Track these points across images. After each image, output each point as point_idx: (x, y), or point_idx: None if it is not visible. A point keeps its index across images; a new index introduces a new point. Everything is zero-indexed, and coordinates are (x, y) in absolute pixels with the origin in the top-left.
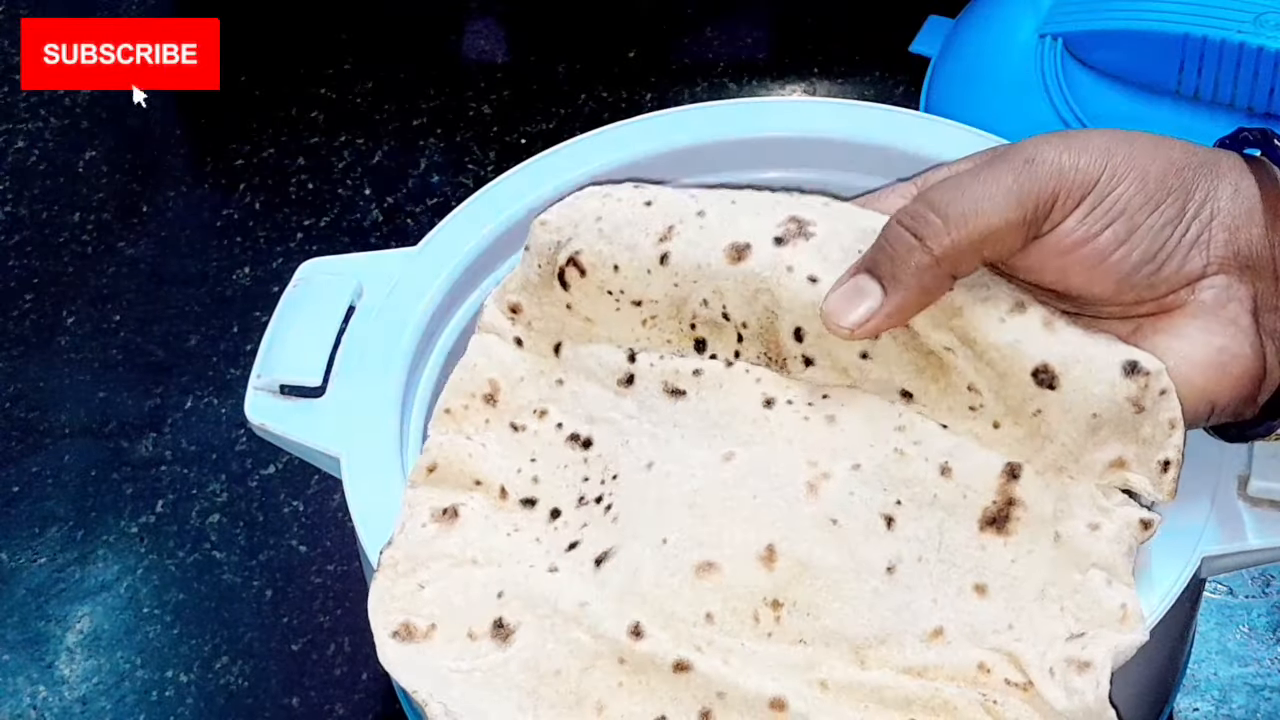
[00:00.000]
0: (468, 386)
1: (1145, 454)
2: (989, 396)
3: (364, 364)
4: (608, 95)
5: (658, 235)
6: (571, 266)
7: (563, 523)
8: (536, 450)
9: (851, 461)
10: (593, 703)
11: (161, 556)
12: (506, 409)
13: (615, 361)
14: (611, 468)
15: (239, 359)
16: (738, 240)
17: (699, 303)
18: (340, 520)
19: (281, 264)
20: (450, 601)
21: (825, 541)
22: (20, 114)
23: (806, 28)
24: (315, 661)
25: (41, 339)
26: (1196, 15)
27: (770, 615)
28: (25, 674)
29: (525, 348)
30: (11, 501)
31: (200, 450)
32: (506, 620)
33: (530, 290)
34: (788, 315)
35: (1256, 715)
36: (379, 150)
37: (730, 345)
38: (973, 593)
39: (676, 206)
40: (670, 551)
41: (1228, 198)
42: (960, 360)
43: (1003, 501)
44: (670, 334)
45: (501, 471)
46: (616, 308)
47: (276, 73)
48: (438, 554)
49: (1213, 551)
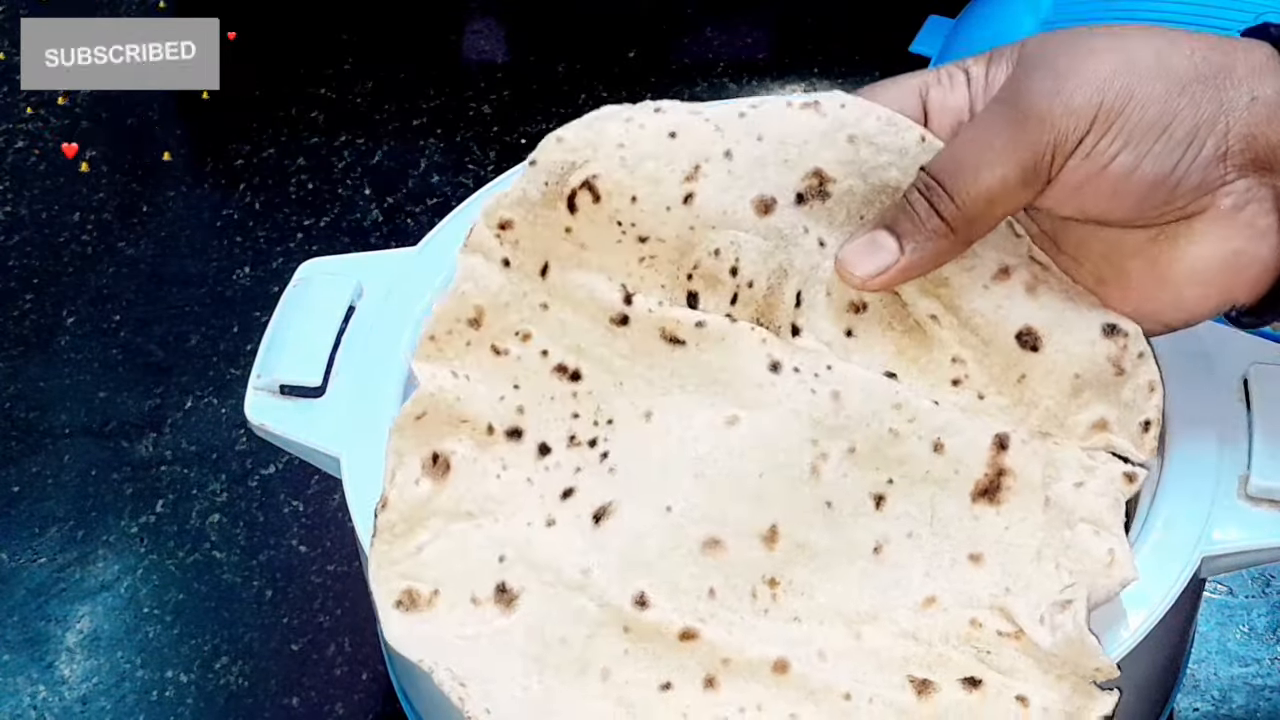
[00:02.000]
0: (453, 313)
1: (1126, 416)
2: (974, 366)
3: (364, 364)
4: (608, 95)
5: (684, 174)
6: (586, 190)
7: (554, 462)
8: (519, 376)
9: (848, 444)
10: (598, 669)
11: (161, 556)
12: (489, 332)
13: (608, 298)
14: (605, 410)
15: (239, 359)
16: (765, 193)
17: (708, 252)
18: (340, 520)
19: (281, 264)
20: (451, 565)
21: (819, 525)
22: (20, 114)
23: (806, 28)
24: (315, 661)
25: (41, 339)
26: (1196, 15)
27: (768, 593)
28: (25, 674)
29: (512, 268)
30: (11, 501)
31: (200, 450)
32: (510, 585)
33: (527, 207)
34: (795, 277)
35: (1256, 715)
36: (379, 150)
37: (723, 305)
38: (968, 562)
39: (703, 142)
40: (675, 521)
41: (1243, 107)
42: (945, 329)
43: (993, 473)
44: (665, 279)
45: (486, 405)
46: (619, 240)
47: (276, 73)
48: (434, 512)
49: (1213, 551)
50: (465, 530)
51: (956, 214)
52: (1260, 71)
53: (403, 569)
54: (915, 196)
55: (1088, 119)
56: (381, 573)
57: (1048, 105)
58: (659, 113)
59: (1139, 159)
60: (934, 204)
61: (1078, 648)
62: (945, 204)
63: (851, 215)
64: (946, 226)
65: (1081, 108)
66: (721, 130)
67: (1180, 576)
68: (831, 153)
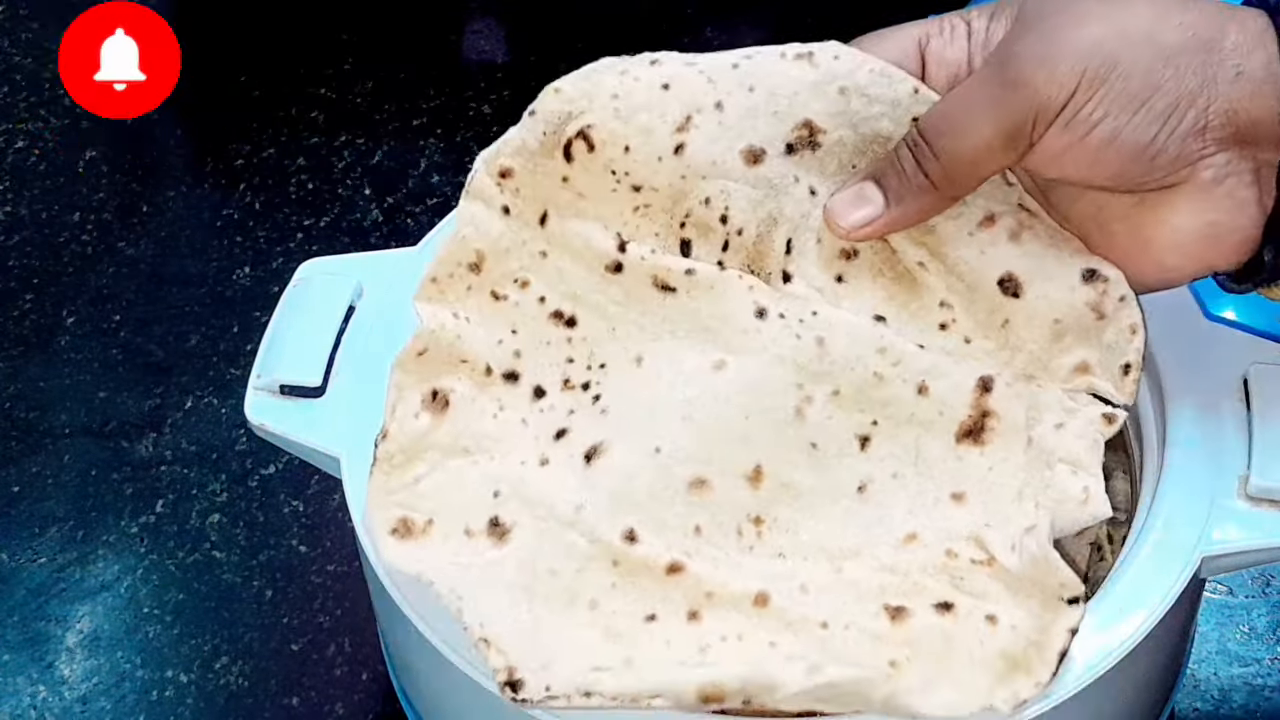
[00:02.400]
0: (455, 256)
1: (1108, 359)
2: (960, 311)
3: (364, 364)
4: None
5: (675, 124)
6: (580, 140)
7: (548, 404)
8: (517, 321)
9: (832, 387)
10: (586, 600)
11: (161, 556)
12: (489, 277)
13: (604, 246)
14: (598, 354)
15: (239, 359)
16: (754, 144)
17: (699, 200)
18: (340, 520)
19: (281, 264)
20: (447, 498)
21: (804, 465)
22: (20, 114)
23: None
24: (315, 661)
25: (41, 339)
26: None
27: (753, 530)
28: (25, 674)
29: (512, 215)
30: (11, 501)
31: (200, 450)
32: (503, 519)
33: (526, 156)
34: (786, 224)
35: (1256, 715)
36: (379, 150)
37: (715, 252)
38: (950, 501)
39: (694, 94)
40: (663, 462)
41: (1227, 81)
42: (933, 275)
43: (977, 414)
44: (659, 227)
45: (485, 347)
46: (614, 189)
47: (276, 73)
48: (430, 445)
49: (1213, 551)
50: (461, 465)
51: (940, 172)
52: (1251, 44)
53: (399, 498)
54: (904, 152)
55: (1070, 88)
56: (378, 500)
57: (1032, 72)
58: (654, 64)
59: (1118, 129)
60: (920, 161)
61: (1042, 566)
62: (930, 162)
63: (843, 165)
64: (930, 183)
65: (1065, 76)
66: (714, 82)
67: (1180, 576)
68: (821, 104)
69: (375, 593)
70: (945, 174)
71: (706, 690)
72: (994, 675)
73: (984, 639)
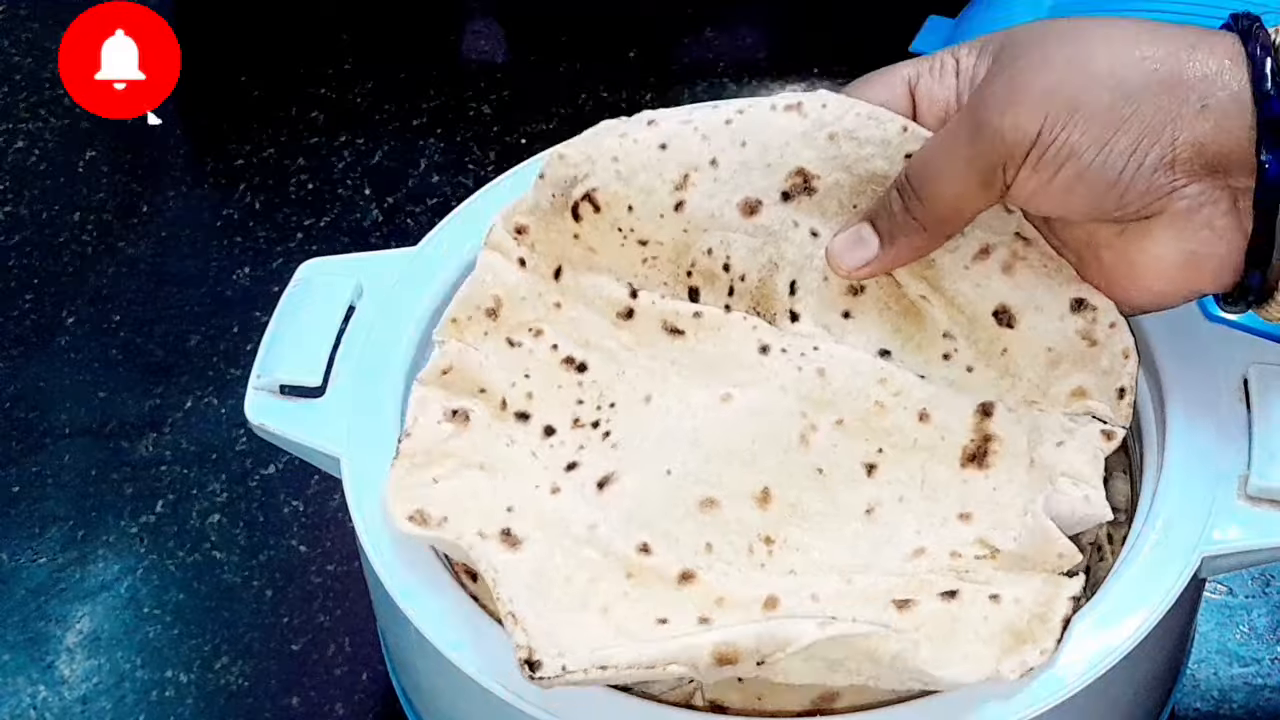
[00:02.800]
0: (474, 299)
1: (1104, 383)
2: (962, 342)
3: (364, 364)
4: (608, 95)
5: (673, 183)
6: (586, 202)
7: (558, 441)
8: (531, 367)
9: (836, 416)
10: (598, 605)
11: (161, 556)
12: (505, 324)
13: (616, 295)
14: (608, 395)
15: (239, 359)
16: (750, 196)
17: (702, 251)
18: (340, 520)
19: (281, 264)
20: (462, 503)
21: (811, 489)
22: (20, 114)
23: (806, 27)
24: (315, 661)
25: (41, 339)
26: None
27: (764, 549)
28: (25, 674)
29: (528, 268)
30: (11, 501)
31: (200, 450)
32: (515, 532)
33: (539, 215)
34: (788, 268)
35: (1256, 715)
36: (379, 150)
37: (721, 297)
38: (957, 520)
39: (690, 152)
40: (674, 483)
41: (1193, 115)
42: (935, 308)
43: (979, 438)
44: (667, 277)
45: (502, 383)
46: (622, 244)
47: (276, 73)
48: (450, 452)
49: (1213, 551)
50: (477, 477)
51: (926, 215)
52: (1217, 74)
53: (415, 494)
54: (894, 195)
55: (1033, 132)
56: (397, 494)
57: (999, 120)
58: (651, 125)
59: (1083, 169)
60: (908, 205)
61: (1040, 540)
62: (916, 206)
63: (843, 205)
64: (919, 225)
65: (1028, 122)
66: (708, 139)
67: (1180, 576)
68: (812, 152)
69: (375, 593)
70: (931, 216)
71: (720, 650)
72: (1000, 647)
73: (988, 615)
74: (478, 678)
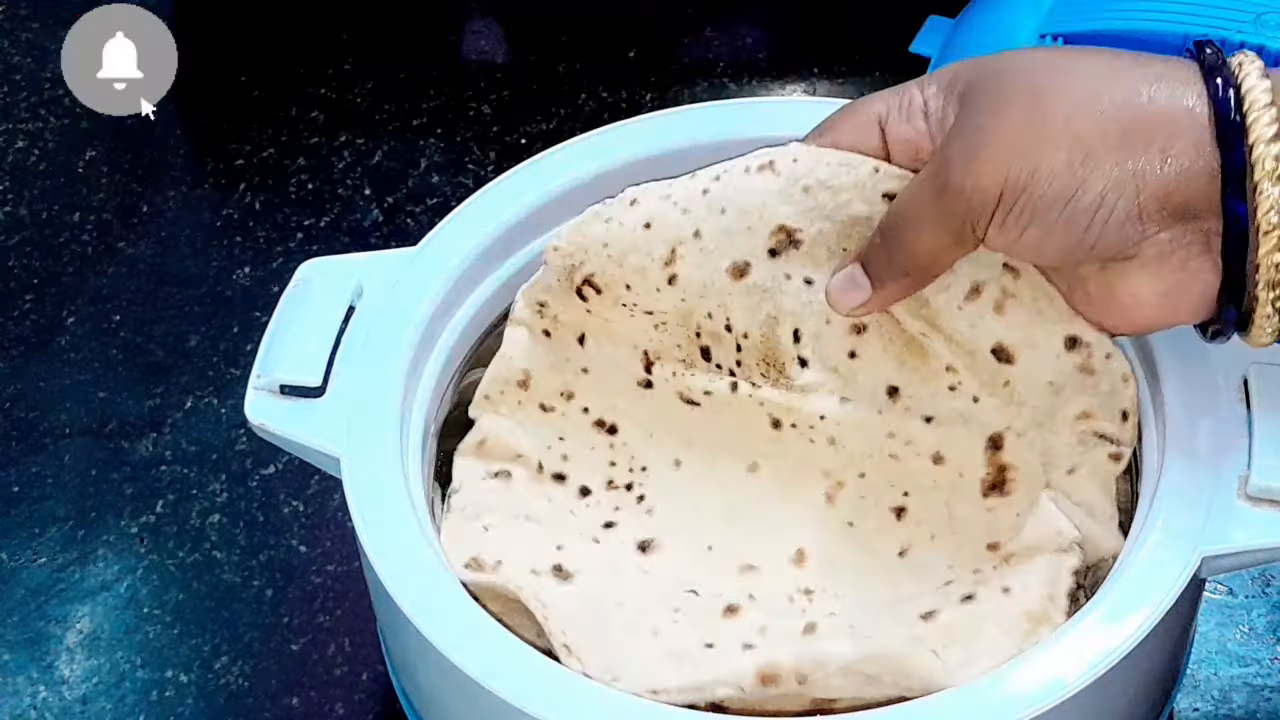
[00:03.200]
0: (503, 376)
1: (1108, 404)
2: (965, 373)
3: (364, 364)
4: (608, 95)
5: (662, 260)
6: (588, 285)
7: (594, 501)
8: (565, 430)
9: (858, 471)
10: (649, 628)
11: (161, 556)
12: (537, 393)
13: (634, 368)
14: (639, 458)
15: (239, 359)
16: (737, 260)
17: (704, 315)
18: (340, 520)
19: (281, 264)
20: (513, 547)
21: (845, 542)
22: (20, 114)
23: (806, 27)
24: (315, 661)
25: (41, 339)
26: (1196, 15)
27: (804, 598)
28: (25, 674)
29: (553, 338)
30: (11, 501)
31: (200, 450)
32: (566, 568)
33: (553, 294)
34: (789, 319)
35: (1256, 715)
36: (379, 150)
37: (731, 355)
38: (986, 551)
39: (672, 228)
40: (716, 556)
41: (1156, 166)
42: (936, 343)
43: (995, 470)
44: (679, 339)
45: (537, 448)
46: (631, 315)
47: (276, 73)
48: (498, 505)
49: (1213, 551)
50: (524, 526)
51: (908, 263)
52: (1180, 117)
53: (470, 543)
54: (878, 241)
55: (994, 197)
56: (453, 545)
57: (960, 181)
58: (634, 205)
59: (1048, 230)
60: (890, 253)
61: (1039, 525)
62: (897, 254)
63: (832, 251)
64: (903, 270)
65: (988, 187)
66: (689, 212)
67: (1180, 576)
68: (790, 207)
69: (375, 593)
70: (913, 264)
71: (764, 671)
72: (1021, 634)
73: (1004, 606)
74: (478, 678)
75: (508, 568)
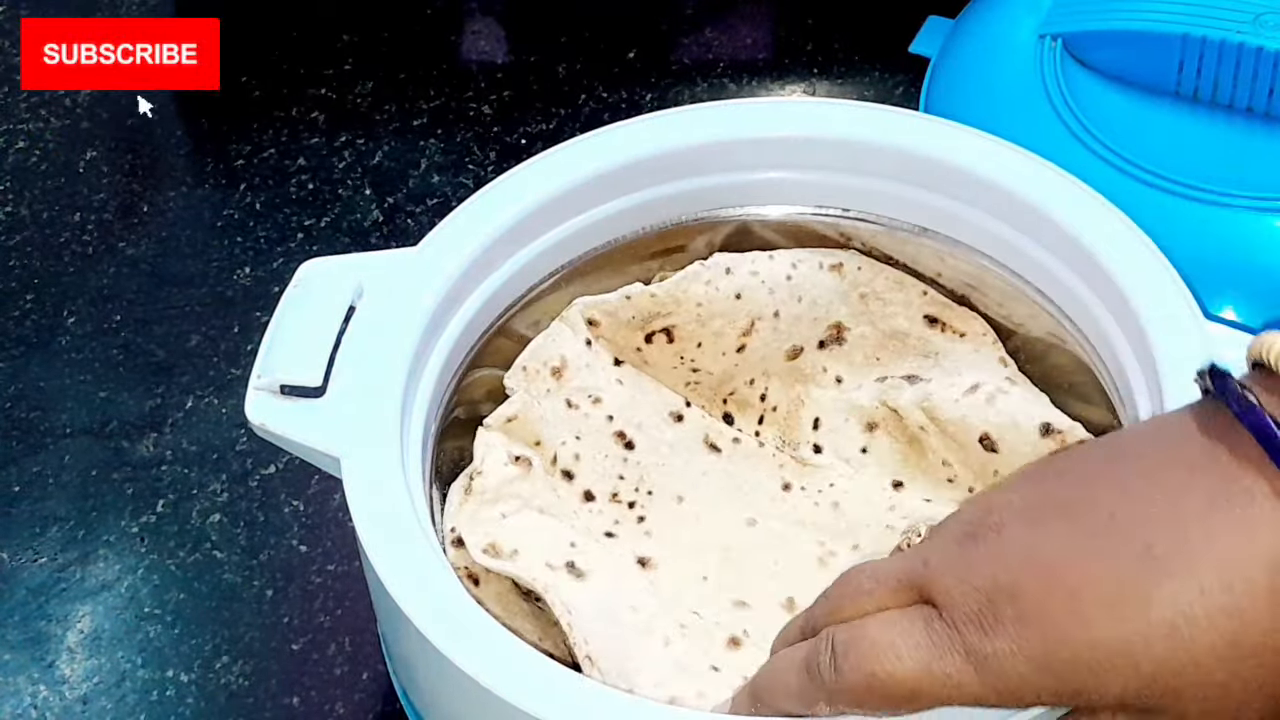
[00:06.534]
0: (543, 355)
1: None
2: (959, 467)
3: (364, 364)
4: (608, 95)
5: (741, 330)
6: (662, 334)
7: (596, 509)
8: (584, 431)
9: (853, 542)
10: (661, 636)
11: (162, 556)
12: (567, 386)
13: (671, 399)
14: (647, 481)
15: (239, 359)
16: (797, 343)
17: (744, 382)
18: (340, 520)
19: (281, 264)
20: (529, 538)
21: None
22: (20, 114)
23: (806, 28)
24: (315, 661)
25: (41, 339)
26: (1196, 15)
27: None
28: (26, 674)
29: (592, 350)
30: (11, 501)
31: (200, 450)
32: (579, 566)
33: (614, 321)
34: (813, 405)
35: None
36: (379, 150)
37: (753, 424)
38: None
39: (759, 304)
40: (711, 587)
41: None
42: (932, 438)
43: None
44: (704, 401)
45: (555, 440)
46: (675, 367)
47: (276, 73)
48: (515, 494)
49: None
50: (539, 518)
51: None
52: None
53: (488, 529)
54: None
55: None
56: (470, 526)
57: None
58: (729, 274)
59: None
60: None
61: None
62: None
63: (868, 357)
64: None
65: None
66: (774, 293)
67: None
68: (848, 308)
69: (375, 593)
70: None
71: None
72: None
73: None
74: (478, 678)
75: (524, 559)
